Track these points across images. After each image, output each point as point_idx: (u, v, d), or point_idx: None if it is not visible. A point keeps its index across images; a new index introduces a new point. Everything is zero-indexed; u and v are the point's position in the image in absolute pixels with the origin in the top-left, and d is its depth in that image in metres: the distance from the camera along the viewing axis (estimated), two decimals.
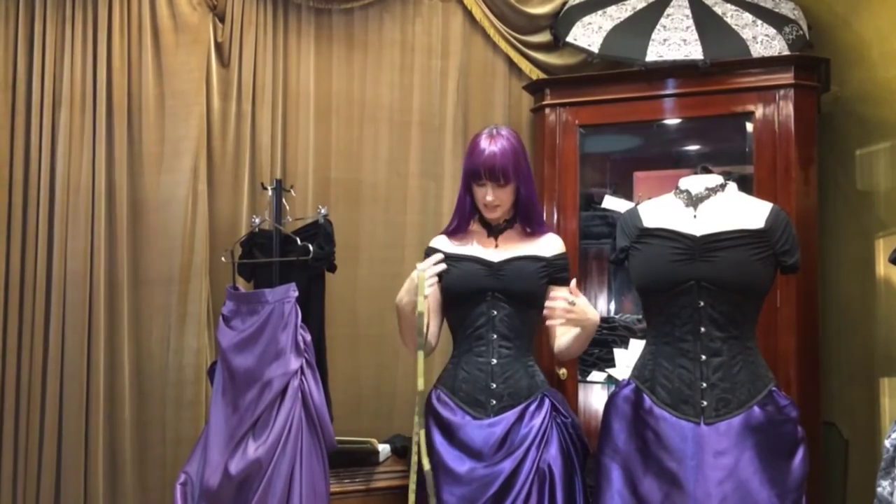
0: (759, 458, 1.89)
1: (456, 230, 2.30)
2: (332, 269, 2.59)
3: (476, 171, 2.18)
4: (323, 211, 2.57)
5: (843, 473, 2.67)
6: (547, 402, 2.15)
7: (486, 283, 2.17)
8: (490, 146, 2.16)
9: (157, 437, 2.81)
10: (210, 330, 2.82)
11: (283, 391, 2.23)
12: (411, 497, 2.08)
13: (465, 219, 2.29)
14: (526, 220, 2.27)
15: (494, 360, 2.15)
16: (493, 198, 2.18)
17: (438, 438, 2.17)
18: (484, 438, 2.09)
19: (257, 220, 2.61)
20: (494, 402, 2.13)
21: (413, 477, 2.09)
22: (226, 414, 2.30)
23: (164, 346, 2.82)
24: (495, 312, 2.16)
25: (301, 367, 2.26)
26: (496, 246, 2.24)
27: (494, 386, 2.13)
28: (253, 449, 2.19)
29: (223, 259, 2.62)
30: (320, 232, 2.53)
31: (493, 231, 2.26)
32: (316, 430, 2.26)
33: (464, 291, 2.20)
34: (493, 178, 2.16)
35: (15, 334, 2.65)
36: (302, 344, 2.28)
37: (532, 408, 2.13)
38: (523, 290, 2.17)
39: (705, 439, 1.91)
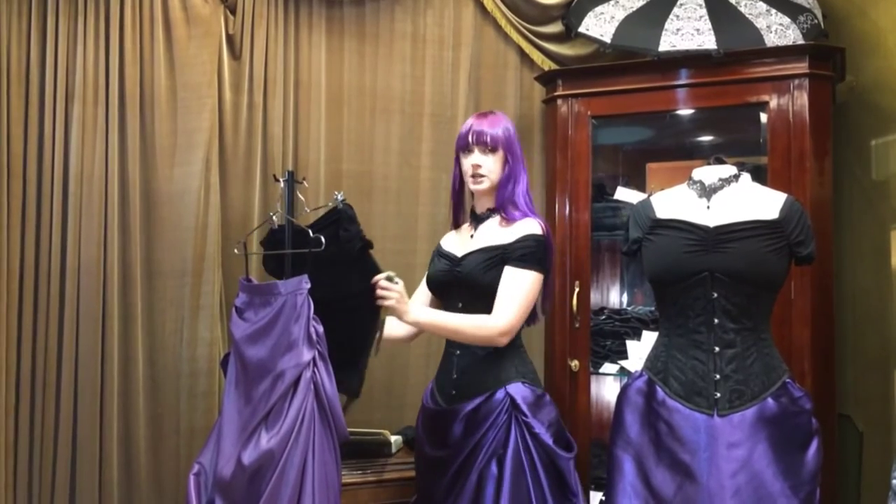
0: (772, 449, 1.88)
1: (454, 218, 2.32)
2: (369, 244, 2.48)
3: (463, 137, 2.17)
4: (340, 196, 2.54)
5: (858, 466, 2.66)
6: (504, 395, 2.07)
7: (448, 277, 2.19)
8: (480, 117, 2.19)
9: (171, 428, 2.82)
10: (223, 321, 2.83)
11: (296, 382, 2.23)
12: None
13: (457, 202, 2.30)
14: (506, 203, 2.15)
15: (458, 351, 2.17)
16: (480, 162, 2.13)
17: (419, 425, 2.27)
18: (444, 426, 2.13)
19: (276, 217, 2.59)
20: (455, 391, 2.15)
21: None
22: (238, 405, 2.31)
23: (178, 337, 2.84)
24: (460, 305, 2.15)
25: (313, 359, 2.26)
26: (471, 237, 2.21)
27: (455, 376, 2.16)
28: (266, 440, 2.20)
29: (235, 251, 2.62)
30: (342, 216, 2.50)
31: (477, 221, 2.22)
32: (328, 421, 2.26)
33: (435, 287, 2.26)
34: (480, 142, 2.13)
35: (30, 326, 2.67)
36: (314, 335, 2.28)
37: (485, 401, 2.08)
38: (474, 282, 2.12)
39: (718, 431, 1.90)
